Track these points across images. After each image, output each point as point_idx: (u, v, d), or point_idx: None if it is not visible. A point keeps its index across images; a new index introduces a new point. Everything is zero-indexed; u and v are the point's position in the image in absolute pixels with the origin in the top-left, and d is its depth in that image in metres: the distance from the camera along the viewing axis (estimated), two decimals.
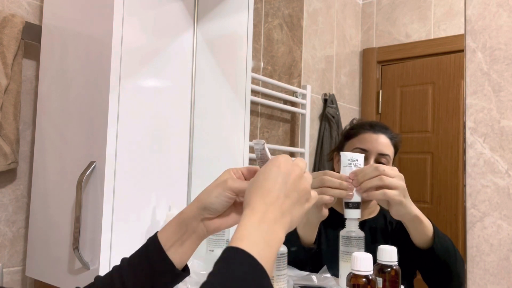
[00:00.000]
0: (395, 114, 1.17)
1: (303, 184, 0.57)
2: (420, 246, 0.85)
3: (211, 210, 0.64)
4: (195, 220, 0.64)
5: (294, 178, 0.56)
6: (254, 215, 0.52)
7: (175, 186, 1.18)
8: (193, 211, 0.65)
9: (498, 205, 0.71)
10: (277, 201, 0.54)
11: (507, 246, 0.70)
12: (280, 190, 0.55)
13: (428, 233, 0.83)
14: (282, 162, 0.57)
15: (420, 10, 1.16)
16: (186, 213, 0.65)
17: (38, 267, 1.14)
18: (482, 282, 0.72)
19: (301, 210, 0.57)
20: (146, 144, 1.09)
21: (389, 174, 0.81)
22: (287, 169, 0.57)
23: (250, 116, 1.28)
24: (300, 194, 0.56)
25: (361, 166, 0.87)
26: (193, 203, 0.65)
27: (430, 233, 0.83)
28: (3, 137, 1.15)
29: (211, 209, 0.64)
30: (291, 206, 0.55)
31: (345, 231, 0.86)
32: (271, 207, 0.53)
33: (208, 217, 0.64)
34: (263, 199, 0.54)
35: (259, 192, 0.55)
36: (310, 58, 1.40)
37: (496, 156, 0.72)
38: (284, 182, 0.55)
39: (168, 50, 1.16)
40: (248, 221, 0.51)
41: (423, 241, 0.84)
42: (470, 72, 0.75)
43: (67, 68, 1.13)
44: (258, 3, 1.38)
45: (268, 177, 0.56)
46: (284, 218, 0.54)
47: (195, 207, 0.65)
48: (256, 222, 0.51)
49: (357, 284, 0.65)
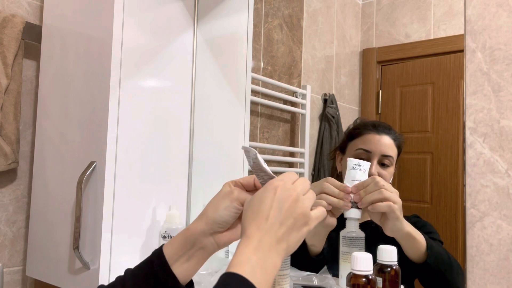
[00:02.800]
0: (395, 114, 1.17)
1: (300, 209, 0.56)
2: (414, 261, 0.85)
3: (221, 223, 0.63)
4: (204, 235, 0.64)
5: (290, 204, 0.56)
6: (250, 243, 0.53)
7: (175, 186, 1.18)
8: (201, 226, 0.64)
9: (498, 205, 0.71)
10: (272, 228, 0.54)
11: (507, 246, 0.70)
12: (275, 217, 0.54)
13: (421, 248, 0.84)
14: (279, 186, 0.57)
15: (420, 10, 1.16)
16: (193, 229, 0.64)
17: (38, 267, 1.14)
18: (482, 282, 0.72)
19: (298, 235, 0.56)
20: (146, 144, 1.10)
21: (388, 189, 0.81)
22: (283, 195, 0.56)
23: (250, 116, 1.28)
24: (297, 219, 0.56)
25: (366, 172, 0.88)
26: (199, 219, 0.65)
27: (423, 248, 0.83)
28: (4, 137, 1.15)
29: (221, 223, 0.63)
30: (287, 232, 0.55)
31: (346, 231, 0.86)
32: (266, 234, 0.53)
33: (218, 231, 0.64)
34: (258, 227, 0.54)
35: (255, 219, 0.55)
36: (310, 58, 1.40)
37: (496, 156, 0.72)
38: (279, 209, 0.55)
39: (168, 50, 1.16)
40: (244, 247, 0.52)
41: (417, 256, 0.84)
42: (470, 72, 0.75)
43: (67, 68, 1.13)
44: (258, 3, 1.38)
45: (263, 203, 0.56)
46: (279, 245, 0.54)
47: (203, 222, 0.64)
48: (252, 249, 0.52)
49: (357, 284, 0.65)
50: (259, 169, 0.64)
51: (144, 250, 1.08)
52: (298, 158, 1.41)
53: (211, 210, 0.64)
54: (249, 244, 0.53)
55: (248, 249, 0.52)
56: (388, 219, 0.82)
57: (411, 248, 0.84)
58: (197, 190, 1.21)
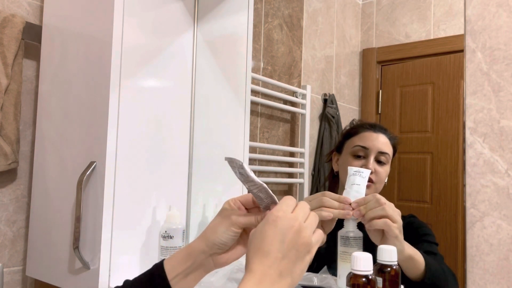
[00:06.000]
0: (395, 114, 1.17)
1: (302, 239, 0.56)
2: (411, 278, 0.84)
3: (220, 246, 0.65)
4: (204, 254, 0.66)
5: (293, 235, 0.55)
6: (253, 277, 0.53)
7: (175, 186, 1.18)
8: (201, 247, 0.66)
9: (498, 205, 0.71)
10: (275, 262, 0.54)
11: (507, 246, 0.70)
12: (278, 251, 0.54)
13: (420, 268, 0.82)
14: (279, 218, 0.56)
15: (419, 10, 1.16)
16: (194, 247, 0.67)
17: (38, 267, 1.14)
18: (482, 282, 0.72)
19: (302, 265, 0.56)
20: (146, 144, 1.10)
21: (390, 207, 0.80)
22: (284, 226, 0.56)
23: (250, 116, 1.28)
24: (299, 250, 0.56)
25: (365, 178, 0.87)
26: (200, 239, 0.67)
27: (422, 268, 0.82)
28: (4, 137, 1.15)
29: (220, 245, 0.65)
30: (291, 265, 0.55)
31: (344, 231, 0.86)
32: (269, 269, 0.53)
33: (217, 252, 0.66)
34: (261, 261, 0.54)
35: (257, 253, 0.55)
36: (310, 58, 1.40)
37: (496, 156, 0.72)
38: (281, 242, 0.55)
39: (168, 50, 1.16)
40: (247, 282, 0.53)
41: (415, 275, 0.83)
42: (470, 72, 0.75)
43: (67, 68, 1.13)
44: (258, 3, 1.38)
45: (264, 237, 0.55)
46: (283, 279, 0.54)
47: (203, 243, 0.66)
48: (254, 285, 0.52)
49: (357, 284, 0.65)
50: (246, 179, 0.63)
51: (144, 250, 1.08)
52: (298, 158, 1.41)
53: (210, 233, 0.66)
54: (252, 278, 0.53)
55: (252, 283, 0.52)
56: (387, 239, 0.80)
57: (411, 269, 0.83)
58: (197, 190, 1.21)
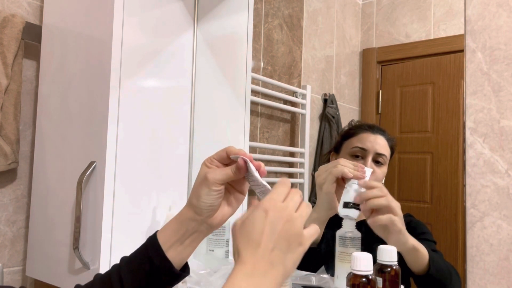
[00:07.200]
0: (395, 114, 1.17)
1: (294, 229, 0.55)
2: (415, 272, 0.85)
3: (207, 209, 0.64)
4: (195, 221, 0.65)
5: (283, 225, 0.54)
6: (244, 268, 0.52)
7: (175, 186, 1.18)
8: (190, 214, 0.65)
9: (498, 205, 0.71)
10: (265, 253, 0.53)
11: (507, 246, 0.70)
12: (269, 241, 0.53)
13: (424, 261, 0.83)
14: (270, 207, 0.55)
15: (420, 10, 1.16)
16: (185, 214, 0.66)
17: (38, 267, 1.14)
18: (482, 282, 0.72)
19: (294, 256, 0.55)
20: (146, 144, 1.10)
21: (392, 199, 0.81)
22: (275, 216, 0.54)
23: (250, 116, 1.28)
24: (291, 240, 0.54)
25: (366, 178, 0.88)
26: (187, 207, 0.66)
27: (426, 261, 0.83)
28: (4, 137, 1.15)
29: (207, 208, 0.64)
30: (282, 256, 0.54)
31: (343, 231, 0.86)
32: (260, 259, 0.52)
33: (208, 215, 0.65)
34: (251, 251, 0.53)
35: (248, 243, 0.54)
36: (310, 58, 1.40)
37: (496, 156, 0.72)
38: (271, 232, 0.54)
39: (168, 50, 1.16)
40: (238, 273, 0.52)
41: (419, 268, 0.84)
42: (470, 72, 0.75)
43: (67, 68, 1.13)
44: (258, 3, 1.38)
45: (255, 226, 0.54)
46: (274, 270, 0.53)
47: (191, 211, 0.65)
48: (246, 276, 0.51)
49: (357, 284, 0.65)
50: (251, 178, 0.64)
51: None
52: (298, 158, 1.41)
53: (194, 198, 0.64)
54: (243, 269, 0.52)
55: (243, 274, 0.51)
56: (391, 233, 0.81)
57: (415, 262, 0.83)
58: None
